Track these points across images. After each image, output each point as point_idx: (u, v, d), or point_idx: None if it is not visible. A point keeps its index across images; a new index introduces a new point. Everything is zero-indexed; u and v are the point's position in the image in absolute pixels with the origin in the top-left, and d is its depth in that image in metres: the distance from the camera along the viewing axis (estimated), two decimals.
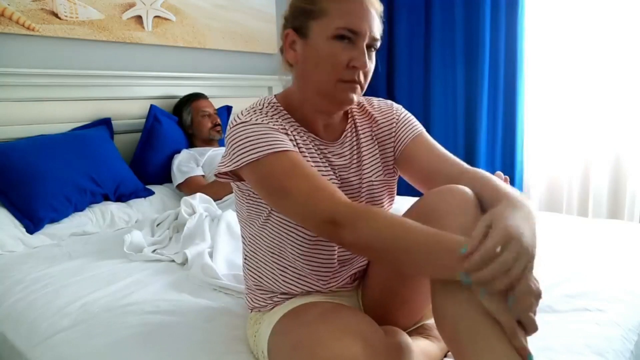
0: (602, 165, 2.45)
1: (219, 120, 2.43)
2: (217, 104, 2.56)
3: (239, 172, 0.89)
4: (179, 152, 2.31)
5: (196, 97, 2.43)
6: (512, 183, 1.39)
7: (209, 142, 2.42)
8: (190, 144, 2.43)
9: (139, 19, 2.36)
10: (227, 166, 0.87)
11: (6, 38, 1.94)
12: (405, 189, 1.32)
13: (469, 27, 2.72)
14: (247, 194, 0.94)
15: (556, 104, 2.55)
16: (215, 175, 0.92)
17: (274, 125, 0.88)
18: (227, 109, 2.67)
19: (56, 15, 2.06)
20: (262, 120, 0.87)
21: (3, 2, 1.90)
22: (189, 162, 2.23)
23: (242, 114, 0.90)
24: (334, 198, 0.80)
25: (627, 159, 2.38)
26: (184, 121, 2.40)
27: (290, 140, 0.90)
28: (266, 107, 0.93)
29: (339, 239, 0.81)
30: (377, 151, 1.01)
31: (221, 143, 2.53)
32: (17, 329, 1.15)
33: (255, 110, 0.91)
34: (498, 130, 2.71)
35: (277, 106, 0.95)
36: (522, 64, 2.58)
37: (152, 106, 2.32)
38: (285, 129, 0.90)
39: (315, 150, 0.95)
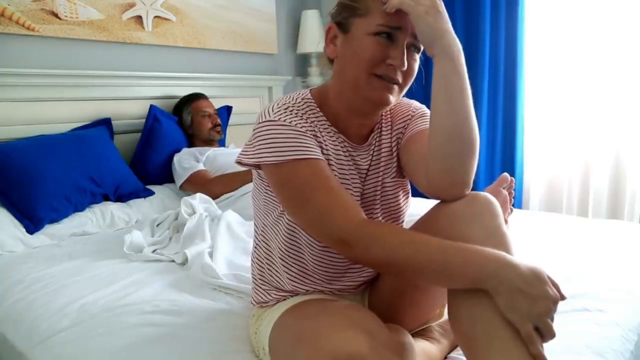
0: (602, 165, 2.45)
1: (219, 121, 2.43)
2: (217, 104, 2.56)
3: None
4: (179, 151, 2.31)
5: (196, 97, 2.43)
6: None
7: (209, 143, 2.42)
8: (190, 144, 2.42)
9: (139, 19, 2.36)
10: (249, 158, 0.87)
11: (6, 38, 1.94)
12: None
13: (469, 27, 2.72)
14: (266, 183, 0.92)
15: (556, 104, 2.55)
16: (237, 162, 0.90)
17: (302, 126, 0.86)
18: (227, 109, 2.67)
19: (56, 15, 2.06)
20: (291, 122, 0.85)
21: (3, 2, 1.90)
22: (189, 160, 2.23)
23: (273, 110, 0.87)
24: (348, 215, 0.80)
25: (627, 159, 2.38)
26: (184, 121, 2.40)
27: (319, 142, 0.88)
28: (299, 103, 0.90)
29: (350, 258, 0.83)
30: (394, 151, 0.99)
31: (221, 143, 2.53)
32: (17, 329, 1.15)
33: (287, 108, 0.88)
34: (498, 130, 2.70)
35: (310, 102, 0.92)
36: (522, 64, 2.57)
37: (152, 106, 2.31)
38: (314, 130, 0.88)
39: (344, 152, 0.93)
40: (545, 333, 0.69)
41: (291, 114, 0.87)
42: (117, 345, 1.00)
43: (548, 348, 0.70)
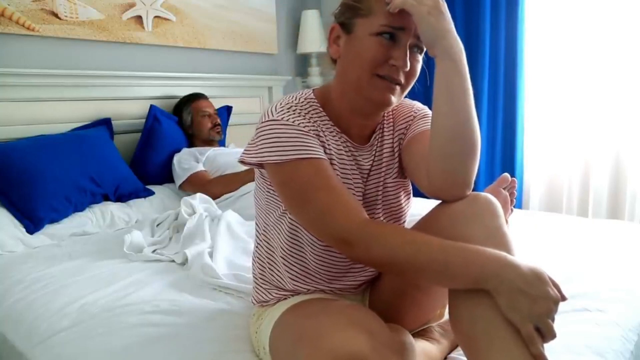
0: (602, 165, 2.45)
1: (219, 121, 2.43)
2: (217, 104, 2.56)
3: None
4: (179, 151, 2.31)
5: (196, 97, 2.43)
6: None
7: (209, 143, 2.42)
8: (190, 144, 2.42)
9: (139, 19, 2.36)
10: (252, 157, 0.87)
11: (6, 38, 1.94)
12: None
13: (469, 27, 2.72)
14: (268, 182, 0.92)
15: (556, 104, 2.55)
16: (240, 161, 0.90)
17: (305, 126, 0.86)
18: (227, 109, 2.67)
19: (56, 15, 2.06)
20: (294, 121, 0.85)
21: (3, 2, 1.90)
22: (189, 160, 2.23)
23: (276, 109, 0.87)
24: (350, 215, 0.80)
25: (627, 159, 2.38)
26: (184, 121, 2.40)
27: (322, 142, 0.89)
28: (302, 102, 0.90)
29: (352, 257, 0.83)
30: (396, 152, 0.99)
31: (221, 143, 2.53)
32: (17, 329, 1.15)
33: (290, 107, 0.88)
34: (498, 130, 2.70)
35: (313, 102, 0.92)
36: (522, 64, 2.57)
37: (152, 106, 2.31)
38: (317, 130, 0.88)
39: (346, 152, 0.93)
40: (546, 333, 0.69)
41: (294, 114, 0.87)
42: (117, 345, 1.00)
43: (548, 348, 0.70)
